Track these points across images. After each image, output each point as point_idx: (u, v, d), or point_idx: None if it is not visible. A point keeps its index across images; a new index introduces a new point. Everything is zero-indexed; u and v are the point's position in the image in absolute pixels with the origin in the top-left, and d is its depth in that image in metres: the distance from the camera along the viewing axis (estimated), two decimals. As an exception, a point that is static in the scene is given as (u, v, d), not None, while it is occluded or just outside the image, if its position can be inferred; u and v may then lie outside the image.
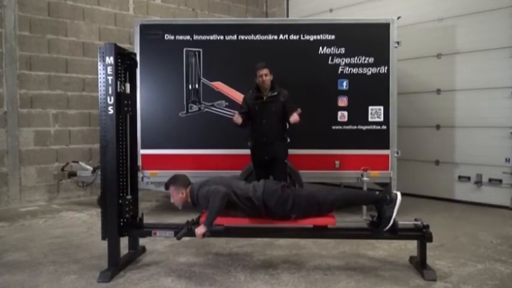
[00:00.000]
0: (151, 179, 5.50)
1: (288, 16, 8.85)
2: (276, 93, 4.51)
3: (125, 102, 3.59)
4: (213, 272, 3.51)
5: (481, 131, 6.15)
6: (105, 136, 3.47)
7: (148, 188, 5.67)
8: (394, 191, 3.49)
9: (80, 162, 6.33)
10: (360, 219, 5.14)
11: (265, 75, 4.44)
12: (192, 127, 5.47)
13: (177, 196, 3.59)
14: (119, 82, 3.51)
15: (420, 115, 6.76)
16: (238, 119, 4.42)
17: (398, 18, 5.46)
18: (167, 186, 3.65)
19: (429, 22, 6.64)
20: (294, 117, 4.25)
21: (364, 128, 5.43)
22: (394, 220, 3.34)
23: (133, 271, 3.53)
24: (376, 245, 4.18)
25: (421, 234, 3.41)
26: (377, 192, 3.67)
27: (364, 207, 5.26)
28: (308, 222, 3.51)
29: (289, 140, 4.67)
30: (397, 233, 3.41)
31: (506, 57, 5.88)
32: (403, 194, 3.48)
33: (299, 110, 4.25)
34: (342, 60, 5.42)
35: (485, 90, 6.09)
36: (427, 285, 3.24)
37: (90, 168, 6.05)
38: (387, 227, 3.36)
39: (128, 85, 3.67)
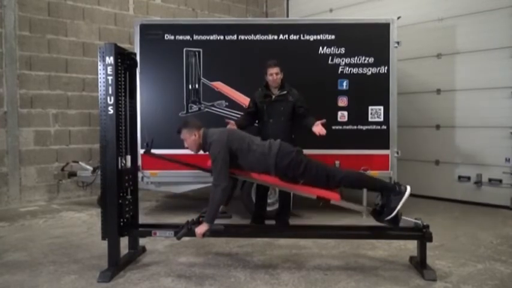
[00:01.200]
0: (151, 179, 5.49)
1: (288, 16, 8.84)
2: (285, 92, 4.48)
3: (125, 178, 3.64)
4: (213, 272, 3.51)
5: (481, 131, 6.15)
6: (105, 136, 3.47)
7: (148, 188, 5.66)
8: (404, 185, 3.46)
9: (80, 162, 6.33)
10: (360, 218, 5.13)
11: (275, 74, 4.43)
12: (192, 127, 5.46)
13: (190, 138, 3.61)
14: (120, 158, 3.53)
15: (420, 115, 6.76)
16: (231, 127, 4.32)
17: (398, 18, 5.46)
18: (179, 130, 3.65)
19: (429, 22, 6.64)
20: (319, 128, 4.15)
21: (364, 128, 5.42)
22: (397, 212, 3.33)
23: (133, 271, 3.53)
24: (376, 245, 4.18)
25: (421, 234, 3.41)
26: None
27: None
28: (313, 192, 3.52)
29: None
30: (398, 225, 3.39)
31: (506, 57, 5.89)
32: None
33: (324, 120, 4.19)
34: (342, 60, 5.42)
35: (485, 90, 6.10)
36: (427, 285, 3.24)
37: (90, 168, 6.05)
38: (389, 217, 3.34)
39: (128, 157, 3.72)
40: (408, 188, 3.40)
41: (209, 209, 3.34)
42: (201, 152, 3.75)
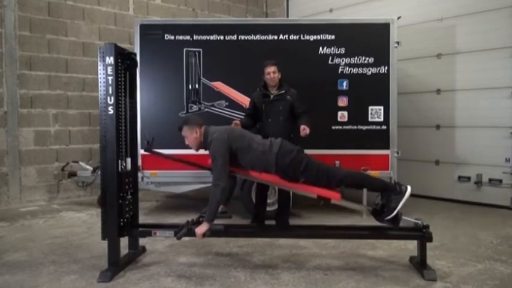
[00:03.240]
0: (151, 179, 5.49)
1: (288, 16, 8.84)
2: (283, 91, 4.47)
3: (125, 181, 3.60)
4: (213, 272, 3.51)
5: (481, 131, 6.15)
6: (105, 136, 3.47)
7: (148, 188, 5.66)
8: (405, 185, 3.46)
9: (80, 162, 6.33)
10: (360, 218, 5.15)
11: (273, 73, 4.41)
12: (192, 127, 5.47)
13: (191, 136, 3.61)
14: (120, 161, 3.51)
15: (420, 115, 6.76)
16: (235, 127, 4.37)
17: (399, 18, 5.46)
18: (180, 127, 3.66)
19: (429, 22, 6.64)
20: (303, 133, 4.23)
21: (364, 128, 5.42)
22: (398, 212, 3.33)
23: (134, 271, 3.53)
24: (376, 245, 4.18)
25: (421, 234, 3.41)
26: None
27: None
28: (314, 191, 3.52)
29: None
30: (398, 225, 3.39)
31: (506, 57, 5.89)
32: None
33: (305, 129, 4.24)
34: (342, 60, 5.42)
35: (485, 90, 6.10)
36: (427, 285, 3.24)
37: (90, 168, 6.05)
38: (390, 217, 3.33)
39: (129, 160, 3.70)
40: (409, 188, 3.40)
41: (209, 208, 3.34)
42: (202, 151, 3.74)
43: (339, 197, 3.47)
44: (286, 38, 5.45)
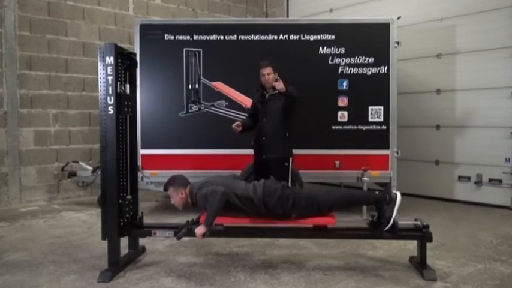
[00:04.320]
0: (151, 179, 5.50)
1: (288, 16, 8.85)
2: (277, 91, 4.48)
3: (124, 103, 3.58)
4: (213, 272, 3.51)
5: (481, 131, 6.15)
6: (105, 136, 3.47)
7: (148, 188, 5.66)
8: (394, 191, 3.50)
9: (80, 162, 6.34)
10: (360, 219, 5.15)
11: (267, 74, 4.42)
12: (192, 127, 5.48)
13: (177, 197, 3.60)
14: (118, 83, 3.50)
15: (420, 115, 6.76)
16: (236, 128, 4.42)
17: (399, 18, 5.46)
18: (166, 187, 3.65)
19: (429, 22, 6.64)
20: (279, 85, 4.21)
21: (364, 128, 5.43)
22: (394, 220, 3.36)
23: (134, 271, 3.53)
24: (376, 245, 4.18)
25: (421, 234, 3.41)
26: (377, 192, 3.68)
27: (364, 208, 5.28)
28: (308, 222, 3.51)
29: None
30: (397, 233, 3.42)
31: (506, 57, 5.88)
32: (403, 194, 3.49)
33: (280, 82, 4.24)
34: (342, 60, 5.43)
35: (485, 90, 6.09)
36: (427, 285, 3.24)
37: (90, 168, 6.05)
38: (387, 227, 3.37)
39: (127, 86, 3.67)
40: (398, 194, 3.43)
41: (208, 213, 3.34)
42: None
43: (334, 221, 3.47)
44: (286, 38, 5.46)
